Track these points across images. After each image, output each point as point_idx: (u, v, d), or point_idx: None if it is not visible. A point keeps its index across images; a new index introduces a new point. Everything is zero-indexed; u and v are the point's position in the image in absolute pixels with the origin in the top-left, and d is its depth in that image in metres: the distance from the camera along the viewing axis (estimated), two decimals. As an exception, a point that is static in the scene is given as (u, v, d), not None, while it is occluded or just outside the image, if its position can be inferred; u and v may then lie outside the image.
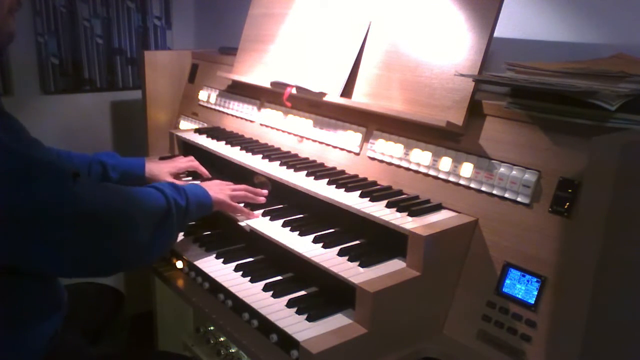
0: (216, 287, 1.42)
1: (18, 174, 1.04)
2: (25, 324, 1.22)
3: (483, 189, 1.33)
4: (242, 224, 1.52)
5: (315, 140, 1.77)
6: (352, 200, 1.42)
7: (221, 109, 2.19)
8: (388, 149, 1.54)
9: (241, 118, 2.09)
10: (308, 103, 1.80)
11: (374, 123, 1.61)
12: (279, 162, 1.69)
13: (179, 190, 1.39)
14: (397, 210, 1.35)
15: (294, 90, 1.77)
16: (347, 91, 1.66)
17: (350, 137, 1.65)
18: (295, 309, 1.27)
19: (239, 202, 1.56)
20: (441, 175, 1.41)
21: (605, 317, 1.08)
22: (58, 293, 1.32)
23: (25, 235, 1.08)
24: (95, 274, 1.26)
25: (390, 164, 1.54)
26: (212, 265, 1.49)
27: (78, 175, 1.13)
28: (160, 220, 1.29)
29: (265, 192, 1.64)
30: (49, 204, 1.07)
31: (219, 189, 1.54)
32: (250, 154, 1.79)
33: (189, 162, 1.85)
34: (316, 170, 1.62)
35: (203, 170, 1.84)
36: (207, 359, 2.00)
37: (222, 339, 1.97)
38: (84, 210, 1.12)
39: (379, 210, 1.36)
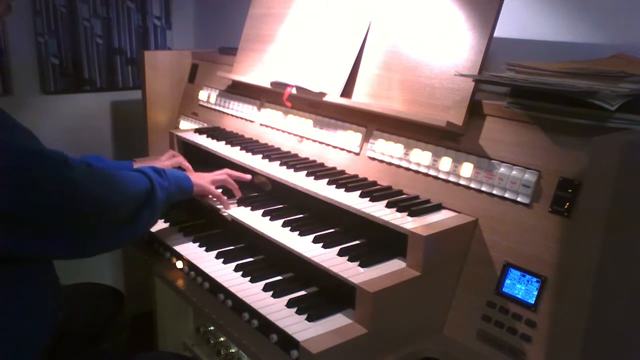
0: (216, 287, 1.42)
1: (15, 168, 1.08)
2: (23, 317, 1.22)
3: (483, 189, 1.33)
4: (224, 213, 1.59)
5: (315, 140, 1.77)
6: (352, 200, 1.42)
7: (221, 109, 2.19)
8: (388, 149, 1.54)
9: (241, 118, 2.09)
10: (308, 103, 1.80)
11: (374, 123, 1.61)
12: (279, 162, 1.69)
13: (160, 173, 1.48)
14: (397, 210, 1.35)
15: (294, 90, 1.77)
16: (347, 91, 1.66)
17: (350, 137, 1.65)
18: (295, 309, 1.28)
19: (219, 188, 1.65)
20: (441, 175, 1.41)
21: (605, 317, 1.08)
22: (54, 288, 1.33)
23: (23, 224, 1.12)
24: (91, 253, 1.31)
25: (390, 164, 1.54)
26: (212, 265, 1.50)
27: (67, 160, 1.18)
28: (145, 200, 1.38)
29: (248, 176, 1.71)
30: (48, 192, 1.12)
31: (199, 176, 1.64)
32: (250, 154, 1.79)
33: (173, 157, 1.86)
34: (316, 170, 1.62)
35: (186, 164, 1.84)
36: (207, 359, 2.00)
37: (222, 339, 1.97)
38: (80, 193, 1.18)
39: (379, 210, 1.36)
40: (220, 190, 1.64)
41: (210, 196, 1.64)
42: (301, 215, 1.56)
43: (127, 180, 1.35)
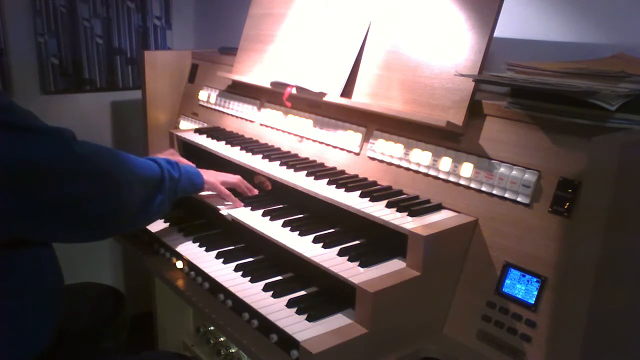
0: (216, 287, 1.42)
1: (17, 142, 1.07)
2: (23, 317, 1.22)
3: (483, 189, 1.33)
4: (223, 212, 1.59)
5: (315, 140, 1.77)
6: (352, 200, 1.42)
7: (221, 109, 2.19)
8: (388, 149, 1.54)
9: (241, 118, 2.09)
10: (308, 103, 1.80)
11: (374, 123, 1.61)
12: (279, 162, 1.69)
13: (172, 164, 1.48)
14: (397, 210, 1.35)
15: (294, 90, 1.77)
16: (347, 91, 1.66)
17: (350, 137, 1.65)
18: (295, 309, 1.28)
19: (229, 189, 1.64)
20: (441, 175, 1.41)
21: (605, 317, 1.08)
22: (56, 288, 1.33)
23: (32, 195, 1.10)
24: (95, 236, 1.30)
25: (390, 164, 1.54)
26: (212, 265, 1.49)
27: (75, 136, 1.18)
28: (155, 187, 1.37)
29: (255, 191, 1.70)
30: (56, 166, 1.11)
31: (211, 174, 1.63)
32: (250, 154, 1.79)
33: (172, 155, 1.85)
34: (316, 170, 1.62)
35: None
36: (207, 359, 2.00)
37: (222, 339, 1.97)
38: (87, 169, 1.18)
39: (379, 210, 1.36)
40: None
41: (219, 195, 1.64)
42: (301, 215, 1.55)
43: (136, 163, 1.34)
